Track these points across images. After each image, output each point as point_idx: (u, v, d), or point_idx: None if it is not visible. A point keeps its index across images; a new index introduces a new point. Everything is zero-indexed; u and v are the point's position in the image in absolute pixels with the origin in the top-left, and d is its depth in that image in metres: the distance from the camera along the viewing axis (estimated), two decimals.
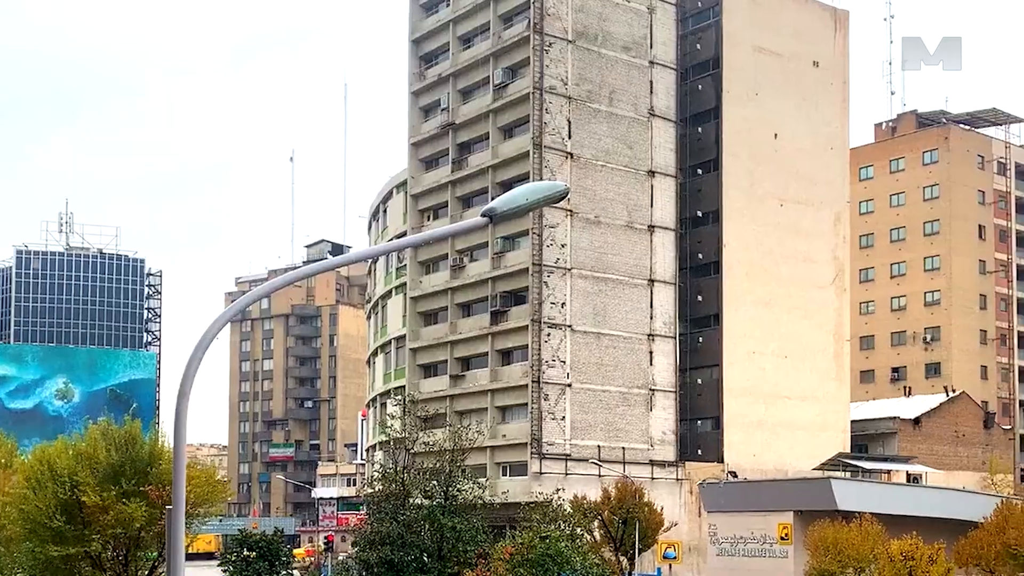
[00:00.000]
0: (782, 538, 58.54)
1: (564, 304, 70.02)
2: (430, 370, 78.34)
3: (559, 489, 54.08)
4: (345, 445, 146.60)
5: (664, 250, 74.16)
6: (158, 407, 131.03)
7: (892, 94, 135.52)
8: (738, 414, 75.39)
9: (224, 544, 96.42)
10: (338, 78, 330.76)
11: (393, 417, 54.78)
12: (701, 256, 76.70)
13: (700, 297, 76.51)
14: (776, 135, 77.91)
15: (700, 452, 75.89)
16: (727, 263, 75.95)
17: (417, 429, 50.53)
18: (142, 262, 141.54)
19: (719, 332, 75.82)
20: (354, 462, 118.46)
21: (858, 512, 49.14)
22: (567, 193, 12.57)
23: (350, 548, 64.82)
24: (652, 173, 73.91)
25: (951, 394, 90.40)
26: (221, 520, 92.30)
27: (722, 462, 74.08)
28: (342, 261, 14.34)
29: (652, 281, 73.51)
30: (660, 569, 57.32)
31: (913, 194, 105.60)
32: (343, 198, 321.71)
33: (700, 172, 77.32)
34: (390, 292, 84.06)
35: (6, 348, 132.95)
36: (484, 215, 12.02)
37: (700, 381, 76.43)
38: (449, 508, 47.19)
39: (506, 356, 73.03)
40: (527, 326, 69.59)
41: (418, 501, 48.31)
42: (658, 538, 55.41)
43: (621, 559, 52.94)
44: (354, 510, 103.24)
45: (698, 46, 77.59)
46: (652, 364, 73.22)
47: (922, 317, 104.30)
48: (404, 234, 78.41)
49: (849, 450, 79.01)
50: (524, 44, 71.37)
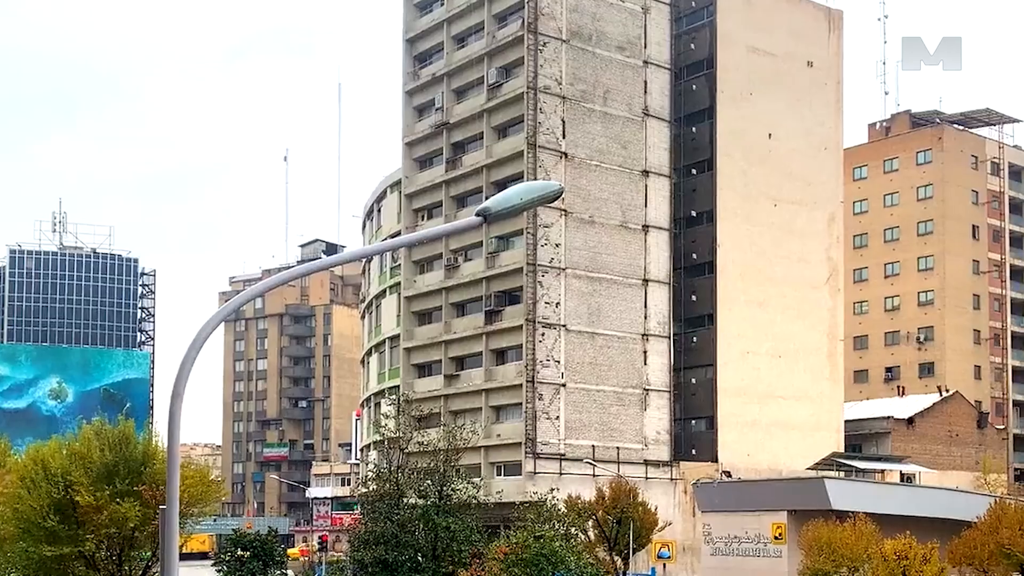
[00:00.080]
0: (776, 538, 58.57)
1: (558, 304, 70.03)
2: (424, 370, 78.31)
3: (553, 489, 54.18)
4: (339, 445, 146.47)
5: (658, 250, 74.21)
6: (152, 407, 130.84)
7: (886, 94, 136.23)
8: (732, 414, 75.47)
9: (218, 544, 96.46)
10: (332, 78, 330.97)
11: (387, 417, 54.76)
12: (695, 256, 76.75)
13: (694, 297, 76.56)
14: (770, 135, 77.98)
15: (694, 452, 75.95)
16: (721, 263, 76.02)
17: (411, 429, 50.58)
18: (136, 261, 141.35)
19: (713, 332, 75.90)
20: (348, 462, 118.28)
21: (852, 512, 49.17)
22: (561, 193, 12.57)
23: (344, 548, 64.86)
24: (646, 173, 73.95)
25: (944, 394, 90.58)
26: (215, 520, 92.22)
27: (716, 462, 74.10)
28: (336, 261, 14.36)
29: (646, 281, 73.54)
30: (654, 569, 57.40)
31: (907, 194, 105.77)
32: (337, 197, 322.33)
33: (694, 172, 77.36)
34: (384, 292, 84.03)
35: None
36: (478, 215, 12.02)
37: (694, 381, 76.50)
38: (443, 508, 47.22)
39: (500, 356, 73.02)
40: (521, 326, 69.59)
41: (412, 501, 48.33)
42: (652, 538, 55.43)
43: (615, 559, 52.98)
44: (348, 510, 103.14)
45: (692, 46, 77.62)
46: (646, 364, 73.26)
47: (916, 317, 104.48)
48: (398, 234, 78.41)
49: (843, 450, 79.08)
50: (518, 44, 71.36)
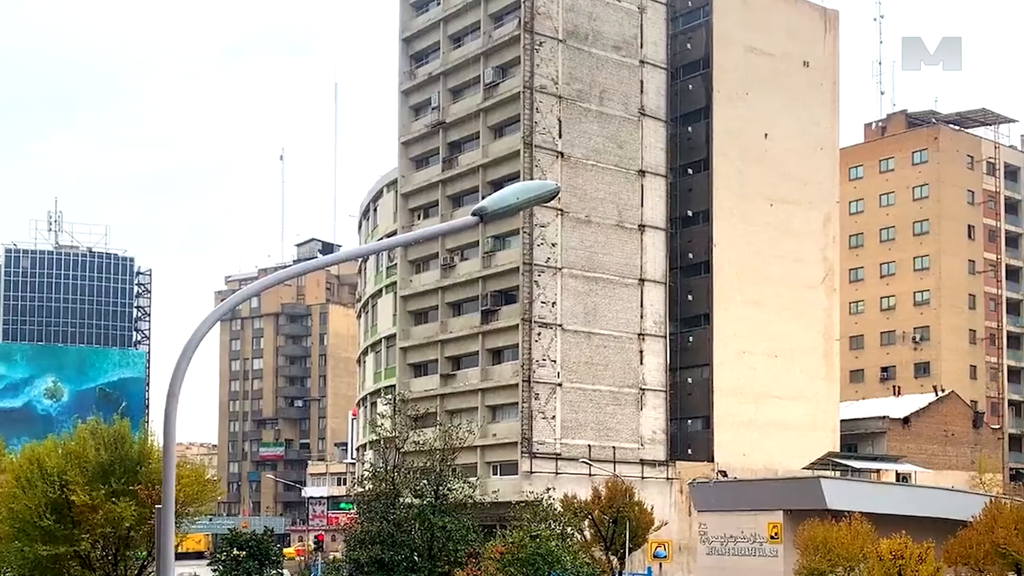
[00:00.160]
0: (772, 537, 58.58)
1: (555, 303, 70.03)
2: (420, 369, 78.29)
3: (549, 488, 54.15)
4: (335, 444, 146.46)
5: (654, 249, 74.22)
6: (147, 406, 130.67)
7: (882, 94, 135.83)
8: (728, 413, 75.50)
9: (214, 543, 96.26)
10: (328, 77, 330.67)
11: (383, 416, 54.66)
12: (691, 256, 76.77)
13: (690, 297, 76.60)
14: (766, 135, 78.02)
15: (690, 451, 75.98)
16: (717, 263, 76.04)
17: (407, 428, 50.53)
18: (131, 260, 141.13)
19: (709, 332, 75.92)
20: (344, 461, 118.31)
21: (847, 511, 49.19)
22: (557, 192, 12.56)
23: (340, 547, 64.81)
24: (642, 173, 73.95)
25: (940, 394, 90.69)
26: (211, 519, 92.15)
27: (712, 461, 74.14)
28: (332, 260, 14.32)
29: (642, 280, 73.55)
30: (650, 568, 57.41)
31: (902, 194, 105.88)
32: (333, 197, 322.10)
33: (690, 172, 77.39)
34: (380, 291, 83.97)
35: None
36: (474, 214, 12.00)
37: (690, 380, 76.52)
38: (439, 507, 47.19)
39: (496, 355, 73.01)
40: (517, 325, 69.59)
41: (408, 500, 48.31)
42: (648, 537, 55.46)
43: (611, 558, 53.01)
44: (344, 509, 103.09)
45: (688, 46, 77.64)
46: (642, 363, 73.27)
47: (911, 317, 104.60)
48: (394, 233, 78.37)
49: (839, 449, 79.16)
50: (515, 43, 71.35)
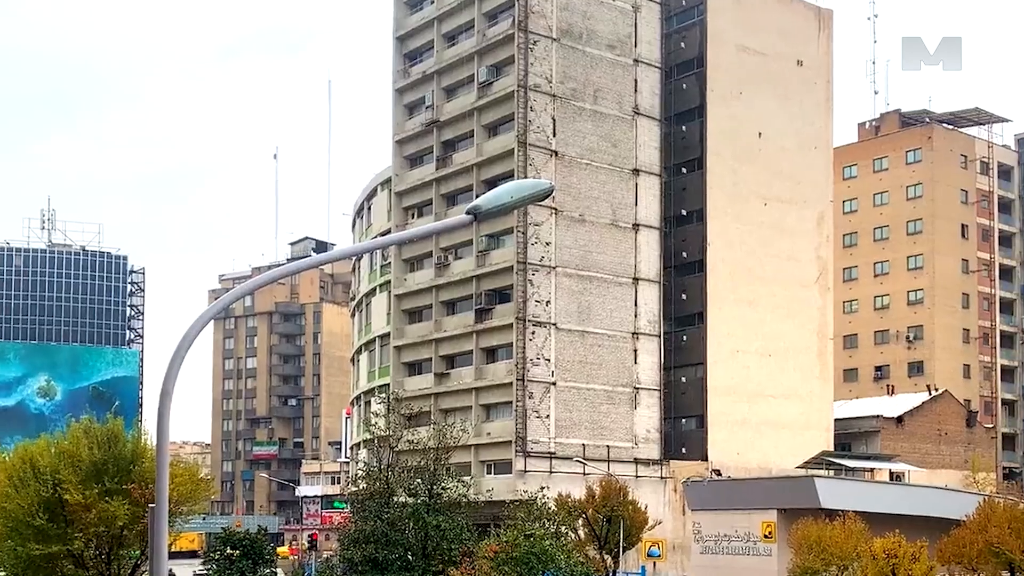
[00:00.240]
0: (766, 536, 58.62)
1: (549, 302, 70.02)
2: (414, 368, 78.26)
3: (543, 487, 54.07)
4: (329, 443, 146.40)
5: (648, 248, 74.24)
6: (141, 405, 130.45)
7: (876, 93, 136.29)
8: (722, 412, 75.55)
9: (207, 542, 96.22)
10: (322, 76, 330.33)
11: (377, 415, 54.63)
12: (685, 255, 76.82)
13: (684, 295, 76.64)
14: (760, 134, 78.08)
15: (684, 450, 76.03)
16: (711, 262, 76.10)
17: (401, 427, 50.44)
18: (125, 259, 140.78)
19: (703, 330, 75.98)
20: (338, 460, 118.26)
21: (841, 510, 49.19)
22: (552, 191, 12.54)
23: (334, 546, 64.75)
24: (636, 171, 73.97)
25: (934, 393, 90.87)
26: (204, 518, 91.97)
27: (706, 460, 74.17)
28: (326, 259, 14.32)
29: (636, 279, 73.58)
30: (644, 567, 57.34)
31: (896, 193, 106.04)
32: (327, 195, 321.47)
33: (684, 171, 77.42)
34: (374, 290, 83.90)
35: None
36: (469, 213, 11.99)
37: (684, 379, 76.58)
38: (433, 506, 47.14)
39: (491, 354, 73.00)
40: (512, 324, 69.57)
41: (402, 499, 48.24)
42: (642, 536, 55.39)
43: (605, 557, 52.97)
44: (338, 508, 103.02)
45: (682, 45, 77.68)
46: (636, 362, 73.30)
47: (905, 316, 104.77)
48: (388, 232, 78.30)
49: (832, 448, 79.24)
50: (509, 42, 71.32)
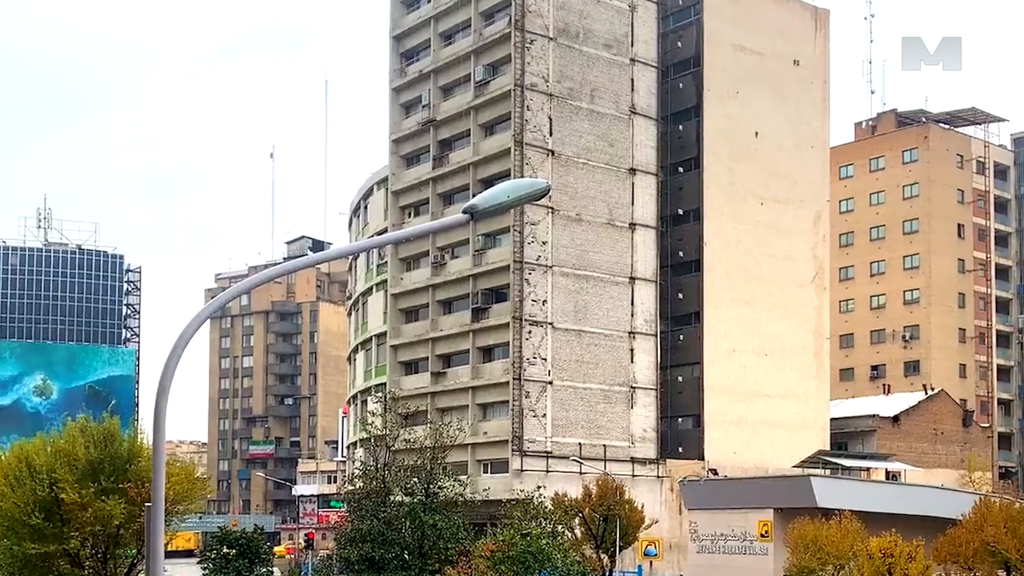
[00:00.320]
0: (762, 535, 58.62)
1: (545, 301, 70.02)
2: (411, 367, 78.23)
3: (540, 486, 54.11)
4: (326, 442, 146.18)
5: (645, 248, 74.25)
6: (137, 404, 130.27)
7: (872, 93, 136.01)
8: (718, 412, 75.59)
9: (204, 542, 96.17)
10: (319, 75, 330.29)
11: (374, 414, 54.62)
12: (682, 254, 76.84)
13: (681, 295, 76.65)
14: (756, 133, 78.11)
15: (681, 449, 76.05)
16: (708, 261, 76.13)
17: (398, 426, 50.45)
18: (121, 258, 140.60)
19: (700, 330, 76.01)
20: (335, 459, 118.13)
21: (837, 509, 49.18)
22: (548, 190, 12.54)
23: (331, 545, 64.74)
24: (633, 171, 73.99)
25: (930, 392, 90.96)
26: (200, 517, 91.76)
27: (703, 459, 74.21)
28: (323, 258, 14.28)
29: (633, 279, 73.59)
30: (641, 566, 57.39)
31: (893, 193, 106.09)
32: (324, 195, 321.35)
33: (681, 170, 77.45)
34: (371, 289, 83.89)
35: None
36: (465, 212, 11.99)
37: (681, 379, 76.59)
38: (430, 505, 47.15)
39: (487, 353, 72.99)
40: (508, 323, 69.57)
41: (399, 498, 48.23)
42: (639, 535, 55.43)
43: (602, 556, 53.00)
44: (334, 507, 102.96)
45: (679, 44, 77.70)
46: (633, 362, 73.30)
47: (901, 315, 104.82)
48: (385, 231, 78.32)
49: (829, 448, 79.32)
50: (505, 41, 71.32)
